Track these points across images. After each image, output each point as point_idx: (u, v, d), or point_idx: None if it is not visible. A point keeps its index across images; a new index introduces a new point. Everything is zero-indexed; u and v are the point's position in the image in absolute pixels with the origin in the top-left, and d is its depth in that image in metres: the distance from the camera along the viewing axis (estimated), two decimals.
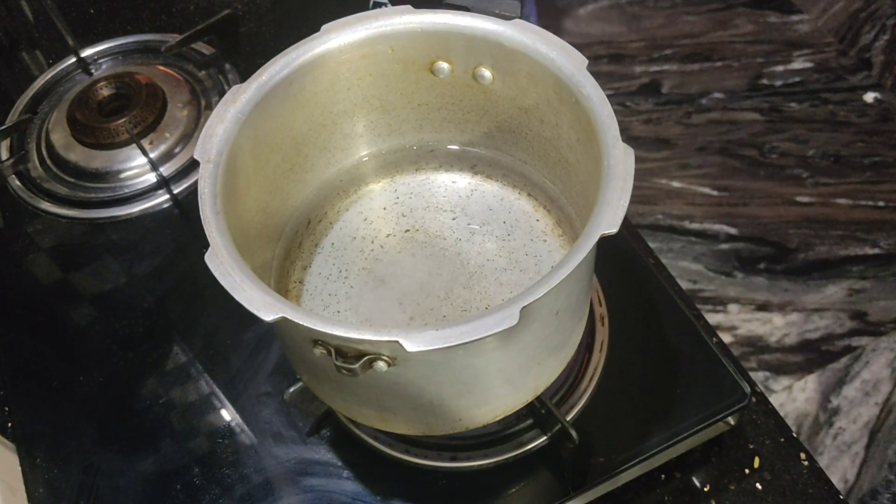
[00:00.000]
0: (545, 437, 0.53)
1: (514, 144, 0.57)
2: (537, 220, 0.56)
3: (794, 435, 0.56)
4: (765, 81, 1.75)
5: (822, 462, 1.25)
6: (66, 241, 0.71)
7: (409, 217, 0.57)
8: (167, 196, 0.72)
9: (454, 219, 0.57)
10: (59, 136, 0.76)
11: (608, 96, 0.45)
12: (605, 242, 0.40)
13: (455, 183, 0.59)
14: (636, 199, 0.45)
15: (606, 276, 0.60)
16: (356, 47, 0.52)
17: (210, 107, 0.78)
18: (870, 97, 1.71)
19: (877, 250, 1.49)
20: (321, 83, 0.53)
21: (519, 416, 0.53)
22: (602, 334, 0.58)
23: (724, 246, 1.51)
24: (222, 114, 0.47)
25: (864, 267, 1.47)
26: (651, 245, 0.65)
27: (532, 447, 0.53)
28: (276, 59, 0.50)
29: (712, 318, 1.41)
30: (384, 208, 0.58)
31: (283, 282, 0.54)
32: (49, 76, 0.84)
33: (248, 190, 0.49)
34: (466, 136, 0.58)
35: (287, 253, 0.56)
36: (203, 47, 0.83)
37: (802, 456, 0.55)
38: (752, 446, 0.56)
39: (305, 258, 0.55)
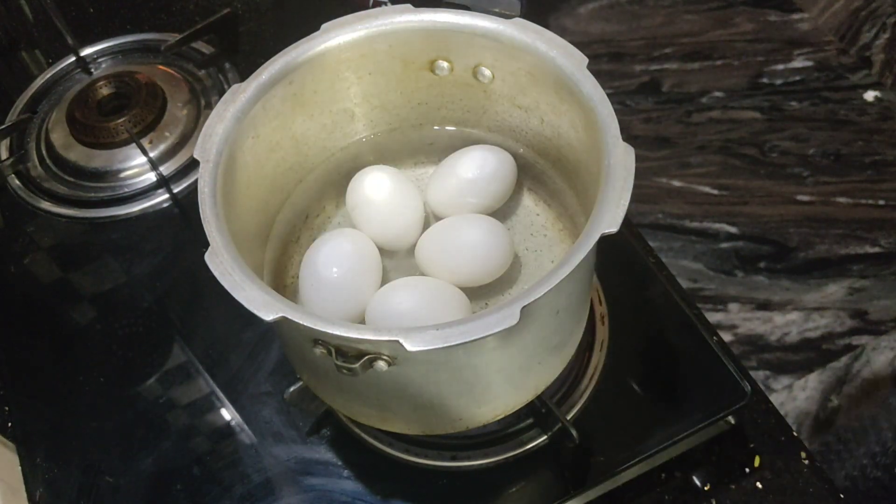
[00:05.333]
0: (545, 437, 0.53)
1: (514, 143, 0.57)
2: (537, 215, 0.56)
3: (795, 434, 0.56)
4: (765, 80, 1.75)
5: None
6: (66, 240, 0.71)
7: None
8: (167, 195, 0.72)
9: None
10: (59, 136, 0.76)
11: (608, 95, 0.45)
12: (605, 241, 0.40)
13: None
14: (636, 197, 0.46)
15: (607, 276, 0.60)
16: (356, 46, 0.52)
17: (210, 106, 0.78)
18: (870, 96, 1.71)
19: (877, 249, 1.48)
20: (321, 82, 0.52)
21: (519, 415, 0.52)
22: (602, 333, 0.58)
23: (725, 245, 1.51)
24: (222, 113, 0.47)
25: (864, 266, 1.47)
26: (651, 244, 0.65)
27: (532, 447, 0.53)
28: (275, 58, 0.50)
29: (712, 317, 1.41)
30: None
31: (280, 278, 0.54)
32: (48, 75, 0.84)
33: (247, 189, 0.49)
34: (466, 134, 0.58)
35: (285, 248, 0.55)
36: (203, 46, 0.83)
37: (803, 455, 0.55)
38: (752, 445, 0.56)
39: (303, 253, 0.55)
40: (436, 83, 0.55)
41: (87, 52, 0.85)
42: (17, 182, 0.75)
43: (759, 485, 0.54)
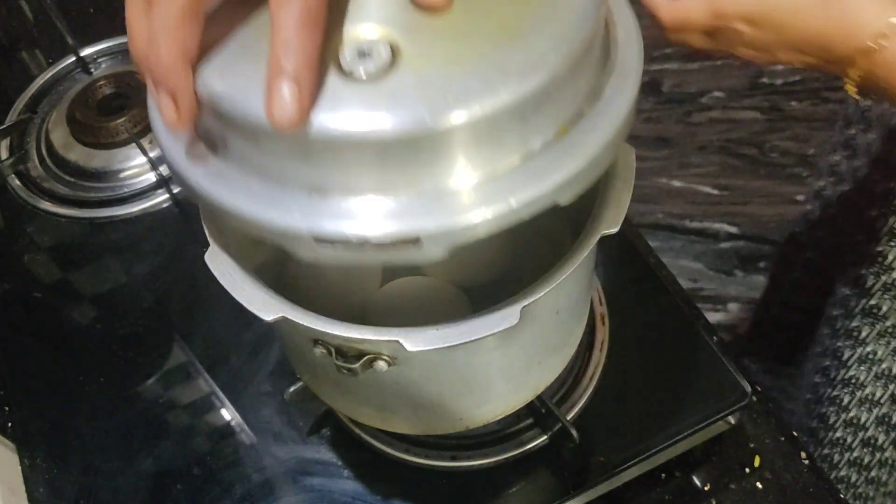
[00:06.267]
0: (545, 437, 0.53)
1: None
2: (538, 215, 0.56)
3: (795, 434, 0.56)
4: (765, 80, 1.75)
5: None
6: (66, 240, 0.71)
7: None
8: (167, 195, 0.72)
9: None
10: (59, 136, 0.76)
11: None
12: (605, 241, 0.40)
13: None
14: (636, 198, 0.46)
15: (607, 276, 0.60)
16: None
17: None
18: None
19: None
20: None
21: (519, 415, 0.52)
22: (602, 333, 0.58)
23: (725, 245, 1.51)
24: None
25: None
26: (651, 244, 0.65)
27: (532, 447, 0.53)
28: None
29: (712, 317, 1.40)
30: None
31: (280, 278, 0.54)
32: (49, 75, 0.84)
33: None
34: None
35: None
36: None
37: (803, 455, 0.55)
38: (752, 445, 0.56)
39: None
40: None
41: (87, 52, 0.85)
42: (17, 182, 0.75)
43: (759, 485, 0.54)
